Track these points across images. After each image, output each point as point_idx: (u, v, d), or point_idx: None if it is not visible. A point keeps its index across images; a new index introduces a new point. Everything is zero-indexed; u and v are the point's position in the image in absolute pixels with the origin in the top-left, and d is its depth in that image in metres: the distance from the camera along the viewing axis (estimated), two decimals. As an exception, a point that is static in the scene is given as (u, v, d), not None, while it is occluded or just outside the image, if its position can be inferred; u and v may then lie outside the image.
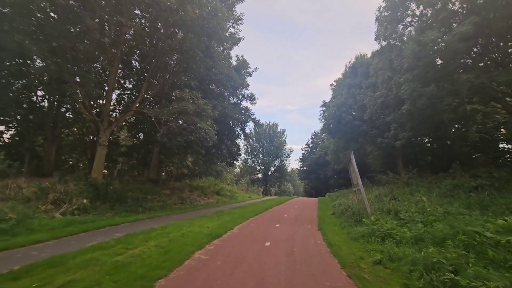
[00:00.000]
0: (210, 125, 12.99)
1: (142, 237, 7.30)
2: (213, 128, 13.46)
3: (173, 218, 11.81)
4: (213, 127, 13.40)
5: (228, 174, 62.64)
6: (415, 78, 12.03)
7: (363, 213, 8.79)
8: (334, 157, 35.91)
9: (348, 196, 18.37)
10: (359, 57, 28.00)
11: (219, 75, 16.60)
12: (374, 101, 17.35)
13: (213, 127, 13.54)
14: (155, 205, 16.34)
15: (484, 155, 23.71)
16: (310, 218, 12.30)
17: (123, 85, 21.73)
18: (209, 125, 12.93)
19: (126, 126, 26.83)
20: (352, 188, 11.50)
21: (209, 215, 12.79)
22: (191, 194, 23.75)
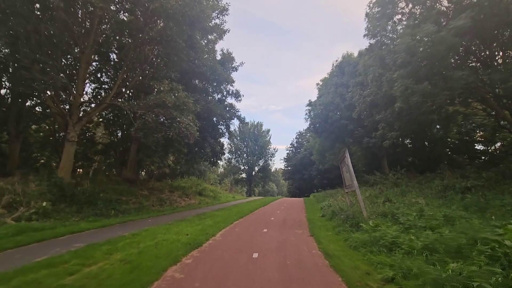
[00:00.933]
0: (191, 120, 11.86)
1: (106, 248, 6.13)
2: (195, 123, 12.33)
3: (148, 223, 10.61)
4: (195, 123, 12.28)
5: (212, 174, 61.19)
6: (409, 75, 11.53)
7: (359, 217, 8.05)
8: (319, 157, 35.57)
9: (336, 196, 17.81)
10: (346, 56, 27.71)
11: (202, 67, 15.44)
12: (363, 100, 16.87)
13: (195, 122, 12.42)
14: (130, 208, 14.96)
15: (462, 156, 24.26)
16: (299, 221, 11.49)
17: (99, 78, 20.08)
18: (191, 120, 11.79)
19: (103, 123, 25.09)
20: (344, 189, 10.77)
21: (189, 219, 11.68)
22: (171, 195, 22.42)
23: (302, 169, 56.80)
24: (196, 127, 12.25)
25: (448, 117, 18.82)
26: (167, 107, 10.97)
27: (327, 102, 24.42)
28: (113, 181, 20.74)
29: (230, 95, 24.71)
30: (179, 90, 11.58)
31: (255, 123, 64.71)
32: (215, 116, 18.82)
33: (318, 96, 32.91)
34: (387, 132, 17.35)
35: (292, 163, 61.44)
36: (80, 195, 13.10)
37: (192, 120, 11.84)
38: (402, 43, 11.44)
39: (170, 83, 11.69)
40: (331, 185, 46.99)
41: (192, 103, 11.96)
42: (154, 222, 10.70)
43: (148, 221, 11.31)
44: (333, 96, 24.80)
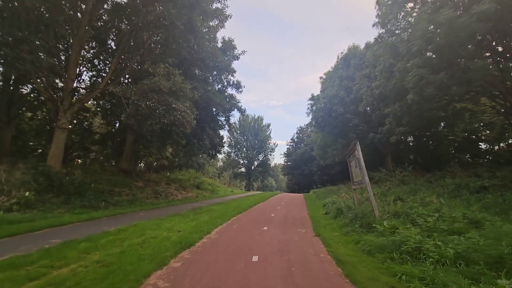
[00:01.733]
0: (188, 107, 11.00)
1: (84, 246, 5.36)
2: (192, 111, 11.48)
3: (139, 217, 9.84)
4: (192, 110, 11.43)
5: (211, 167, 60.53)
6: (425, 64, 10.64)
7: (370, 217, 7.27)
8: (320, 152, 34.79)
9: (339, 193, 17.06)
10: (352, 48, 26.68)
11: (201, 53, 14.49)
12: (371, 92, 15.98)
13: (192, 110, 11.57)
14: (123, 200, 14.21)
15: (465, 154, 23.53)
16: (302, 218, 10.73)
17: (96, 66, 19.11)
18: (187, 107, 10.94)
19: (100, 112, 24.28)
20: (351, 186, 9.97)
21: (184, 213, 10.91)
22: (168, 188, 21.69)
23: (302, 164, 56.08)
24: (193, 115, 11.41)
25: (456, 114, 17.99)
26: (162, 93, 10.11)
27: (331, 95, 23.50)
28: (107, 172, 19.99)
29: (231, 86, 23.77)
30: (175, 75, 10.70)
31: (255, 117, 63.83)
32: (214, 105, 17.91)
33: (321, 90, 32.00)
34: (394, 127, 16.53)
35: (293, 158, 60.71)
36: (68, 185, 12.32)
37: (189, 108, 10.98)
38: (418, 29, 10.50)
39: (167, 68, 10.80)
40: (331, 181, 46.28)
41: (190, 89, 11.09)
42: (146, 216, 9.92)
43: (139, 214, 10.54)
44: (337, 89, 23.87)
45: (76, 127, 23.38)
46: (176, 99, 10.54)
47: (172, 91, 10.43)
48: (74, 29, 13.74)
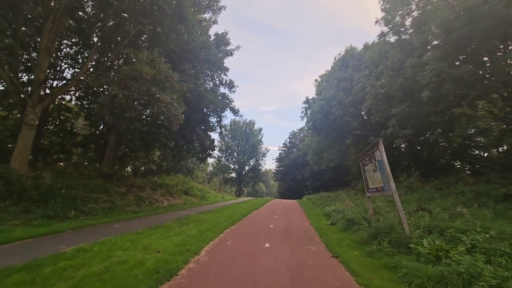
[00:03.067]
0: (176, 100, 9.44)
1: (16, 279, 3.72)
2: (181, 105, 9.92)
3: (112, 229, 8.16)
4: (180, 104, 9.88)
5: (200, 172, 58.57)
6: (444, 56, 9.51)
7: (399, 232, 5.87)
8: (315, 157, 33.61)
9: (338, 200, 15.71)
10: (350, 49, 25.80)
11: (192, 43, 12.97)
12: (376, 92, 14.84)
13: (181, 104, 10.01)
14: (98, 208, 12.38)
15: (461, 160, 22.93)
16: (306, 230, 9.26)
17: (77, 60, 17.29)
18: (174, 99, 9.38)
19: (83, 113, 22.39)
20: (366, 193, 8.59)
21: (168, 224, 9.25)
22: (153, 193, 19.85)
23: (295, 169, 54.86)
24: (181, 109, 9.84)
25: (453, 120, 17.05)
26: (144, 81, 8.54)
27: (329, 97, 22.37)
28: (85, 176, 18.06)
29: (223, 85, 22.30)
30: (161, 62, 9.15)
31: (247, 121, 62.55)
32: (205, 103, 16.33)
33: (316, 93, 31.05)
34: (398, 130, 15.43)
35: (285, 164, 59.47)
36: (32, 191, 10.48)
37: (176, 100, 9.42)
38: (437, 17, 9.39)
39: (151, 54, 9.24)
40: (324, 187, 45.16)
41: (178, 81, 9.54)
42: (121, 229, 8.23)
43: (114, 226, 8.83)
44: (335, 90, 22.79)
45: (57, 128, 21.63)
46: (162, 90, 9.00)
47: (157, 81, 8.89)
48: (47, 13, 12.06)
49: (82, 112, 21.66)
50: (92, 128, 22.57)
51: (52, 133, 21.58)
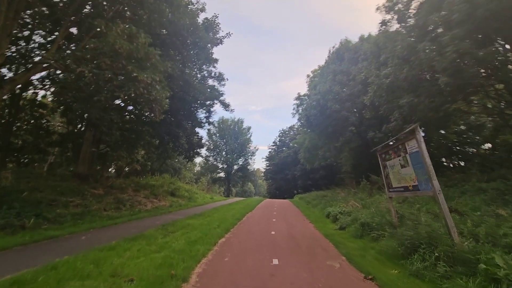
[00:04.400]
0: (158, 82, 7.82)
1: None
2: (165, 88, 8.29)
3: (78, 243, 6.48)
4: (164, 87, 8.26)
5: (188, 172, 56.51)
6: (468, 35, 8.37)
7: (448, 243, 4.56)
8: (307, 155, 32.47)
9: (343, 200, 14.48)
10: (345, 42, 24.72)
11: (177, 22, 11.29)
12: (380, 82, 13.68)
13: (165, 87, 8.38)
14: (69, 213, 10.57)
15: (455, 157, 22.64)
16: (314, 237, 7.88)
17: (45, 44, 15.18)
18: (157, 81, 7.75)
19: (59, 109, 20.30)
20: (387, 193, 7.27)
21: (149, 233, 7.64)
22: (136, 195, 18.04)
23: (285, 168, 53.73)
24: (165, 94, 8.21)
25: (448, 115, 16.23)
26: (118, 57, 6.90)
27: (325, 91, 21.17)
28: (57, 177, 16.11)
29: (212, 78, 20.69)
30: (139, 37, 7.50)
31: (235, 120, 60.90)
32: (193, 93, 14.60)
33: (308, 89, 29.97)
34: (402, 123, 14.37)
35: (275, 162, 58.24)
36: (-20, 195, 8.63)
37: (159, 83, 7.80)
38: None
39: (128, 28, 7.57)
40: (316, 186, 44.20)
41: (160, 60, 7.91)
42: (88, 242, 6.57)
43: (80, 238, 7.12)
44: (331, 84, 21.60)
45: (30, 125, 19.57)
46: (140, 68, 7.37)
47: (134, 58, 7.28)
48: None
49: (58, 108, 19.66)
50: (69, 126, 20.60)
51: (25, 131, 19.59)
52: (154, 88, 7.59)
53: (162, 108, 8.28)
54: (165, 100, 8.23)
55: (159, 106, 8.12)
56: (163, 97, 8.07)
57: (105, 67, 6.81)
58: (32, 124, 19.30)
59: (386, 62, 15.27)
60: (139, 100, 7.60)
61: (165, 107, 8.51)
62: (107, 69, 6.84)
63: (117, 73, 7.11)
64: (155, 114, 8.40)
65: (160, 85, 7.98)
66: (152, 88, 7.49)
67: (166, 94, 8.26)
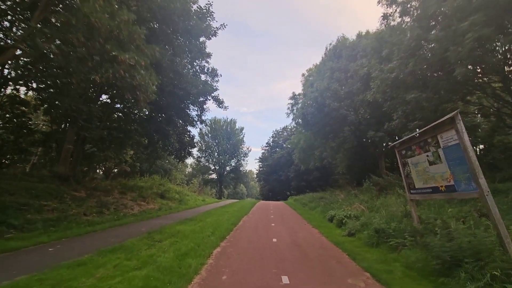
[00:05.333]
0: (144, 67, 6.70)
1: None
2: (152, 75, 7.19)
3: (42, 257, 5.31)
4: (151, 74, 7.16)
5: (179, 173, 54.94)
6: (489, 21, 7.61)
7: (497, 255, 3.67)
8: (302, 155, 31.67)
9: (345, 202, 13.59)
10: (342, 39, 24.04)
11: (167, 7, 10.11)
12: (384, 77, 12.90)
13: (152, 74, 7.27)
14: (41, 219, 9.32)
15: None
16: (323, 246, 6.92)
17: None
18: (142, 66, 6.63)
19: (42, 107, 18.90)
20: (408, 195, 6.34)
21: (131, 244, 6.52)
22: (122, 198, 16.75)
23: (279, 169, 52.89)
24: (151, 81, 7.12)
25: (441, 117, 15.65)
26: (95, 34, 5.78)
27: (323, 88, 20.36)
28: (35, 178, 14.70)
29: (205, 74, 19.58)
30: (122, 14, 6.38)
31: (228, 120, 59.72)
32: (184, 86, 13.43)
33: (303, 88, 29.21)
34: (406, 121, 13.67)
35: (268, 163, 57.33)
36: None
37: (144, 67, 6.69)
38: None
39: (109, 5, 6.45)
40: (310, 187, 43.41)
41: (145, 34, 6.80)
42: (55, 256, 5.41)
43: (47, 251, 5.94)
44: (328, 81, 20.84)
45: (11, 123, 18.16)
46: (120, 47, 6.27)
47: (115, 38, 6.18)
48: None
49: (41, 106, 18.29)
50: (53, 124, 19.26)
51: (5, 130, 18.21)
52: (138, 72, 6.50)
53: (147, 97, 7.18)
54: (152, 87, 7.13)
55: (144, 94, 7.03)
56: (149, 84, 6.98)
57: (78, 44, 5.69)
58: (12, 122, 17.98)
59: (389, 57, 14.55)
60: (120, 85, 6.47)
61: (152, 97, 7.42)
62: (80, 47, 5.73)
63: (92, 53, 5.99)
64: (140, 104, 7.29)
65: (146, 70, 6.89)
66: (135, 72, 6.40)
67: (153, 81, 7.16)
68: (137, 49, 6.64)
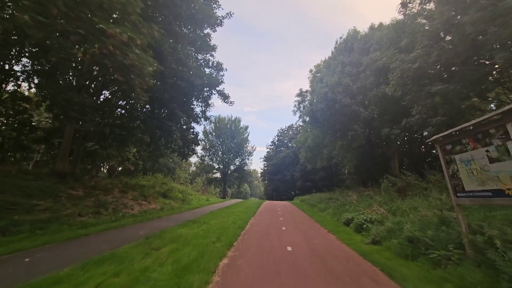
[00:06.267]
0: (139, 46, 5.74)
1: None
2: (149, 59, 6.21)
3: (16, 268, 4.39)
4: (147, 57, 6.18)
5: (182, 172, 54.25)
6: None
7: None
8: (309, 155, 30.56)
9: (360, 203, 12.52)
10: (353, 32, 22.91)
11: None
12: (405, 68, 11.79)
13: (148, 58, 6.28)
14: (29, 220, 8.46)
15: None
16: (348, 258, 5.91)
17: None
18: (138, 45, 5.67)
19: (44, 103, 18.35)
20: (453, 198, 5.27)
21: (124, 252, 5.59)
22: (122, 197, 15.91)
23: (284, 169, 51.82)
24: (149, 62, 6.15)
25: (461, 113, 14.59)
26: (80, 4, 4.84)
27: (334, 83, 19.27)
28: (30, 175, 13.95)
29: (210, 68, 18.64)
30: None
31: (232, 118, 58.83)
32: (187, 76, 12.46)
33: (310, 85, 28.19)
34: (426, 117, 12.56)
35: (273, 163, 56.26)
36: None
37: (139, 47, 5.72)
38: None
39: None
40: (315, 187, 42.26)
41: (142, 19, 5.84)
42: (30, 268, 4.49)
43: (23, 262, 5.03)
44: (339, 76, 19.75)
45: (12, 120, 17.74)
46: (105, 19, 5.30)
47: (103, 10, 5.22)
48: None
49: (43, 102, 17.69)
50: (55, 121, 18.71)
51: (7, 127, 17.77)
52: (132, 51, 5.54)
53: (144, 81, 6.22)
54: (148, 69, 6.11)
55: (140, 79, 6.07)
56: (145, 65, 5.99)
57: (56, 13, 4.76)
58: (14, 119, 17.49)
59: (408, 48, 13.49)
60: (110, 64, 5.52)
61: (149, 83, 6.46)
62: (59, 16, 4.80)
63: (76, 25, 5.06)
64: (135, 89, 6.33)
65: (142, 50, 5.92)
66: (128, 50, 5.44)
67: (151, 63, 6.16)
68: (133, 27, 5.70)
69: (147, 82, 6.28)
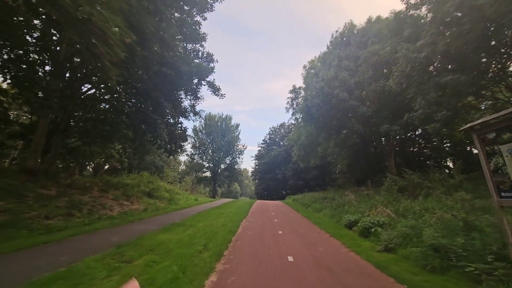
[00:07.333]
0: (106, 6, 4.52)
1: None
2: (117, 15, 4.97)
3: None
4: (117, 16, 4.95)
5: (171, 171, 52.61)
6: None
7: None
8: (302, 153, 29.66)
9: (363, 204, 11.59)
10: (349, 25, 22.09)
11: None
12: (411, 57, 10.93)
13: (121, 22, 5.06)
14: (-21, 225, 7.10)
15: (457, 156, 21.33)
16: (362, 272, 4.88)
17: None
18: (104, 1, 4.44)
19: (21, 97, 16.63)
20: (495, 198, 4.31)
21: (80, 268, 4.38)
22: (101, 197, 14.50)
23: (276, 168, 50.88)
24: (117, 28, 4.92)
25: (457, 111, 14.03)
26: None
27: (330, 78, 18.35)
28: (0, 172, 12.52)
29: (200, 59, 17.39)
30: None
31: (223, 116, 57.51)
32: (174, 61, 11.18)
33: (304, 81, 27.28)
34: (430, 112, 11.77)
35: (264, 161, 55.23)
36: None
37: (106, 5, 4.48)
38: None
39: None
40: (308, 186, 41.50)
41: None
42: None
43: None
44: (336, 70, 18.87)
45: None
46: None
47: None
48: None
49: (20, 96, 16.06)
50: (33, 115, 17.17)
51: None
52: (92, 5, 4.32)
53: (113, 52, 4.99)
54: (114, 30, 4.85)
55: (108, 47, 4.84)
56: (115, 32, 4.74)
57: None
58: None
59: (410, 38, 12.70)
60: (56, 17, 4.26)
61: (120, 55, 5.24)
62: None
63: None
64: (103, 62, 5.08)
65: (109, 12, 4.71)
66: (101, 19, 4.18)
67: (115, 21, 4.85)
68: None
69: (116, 53, 5.04)
